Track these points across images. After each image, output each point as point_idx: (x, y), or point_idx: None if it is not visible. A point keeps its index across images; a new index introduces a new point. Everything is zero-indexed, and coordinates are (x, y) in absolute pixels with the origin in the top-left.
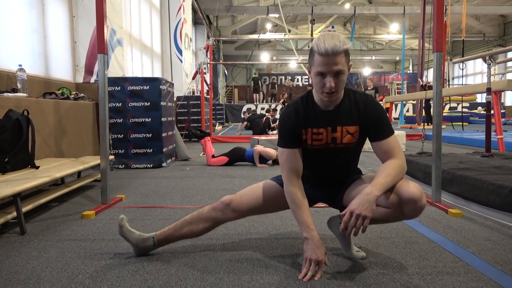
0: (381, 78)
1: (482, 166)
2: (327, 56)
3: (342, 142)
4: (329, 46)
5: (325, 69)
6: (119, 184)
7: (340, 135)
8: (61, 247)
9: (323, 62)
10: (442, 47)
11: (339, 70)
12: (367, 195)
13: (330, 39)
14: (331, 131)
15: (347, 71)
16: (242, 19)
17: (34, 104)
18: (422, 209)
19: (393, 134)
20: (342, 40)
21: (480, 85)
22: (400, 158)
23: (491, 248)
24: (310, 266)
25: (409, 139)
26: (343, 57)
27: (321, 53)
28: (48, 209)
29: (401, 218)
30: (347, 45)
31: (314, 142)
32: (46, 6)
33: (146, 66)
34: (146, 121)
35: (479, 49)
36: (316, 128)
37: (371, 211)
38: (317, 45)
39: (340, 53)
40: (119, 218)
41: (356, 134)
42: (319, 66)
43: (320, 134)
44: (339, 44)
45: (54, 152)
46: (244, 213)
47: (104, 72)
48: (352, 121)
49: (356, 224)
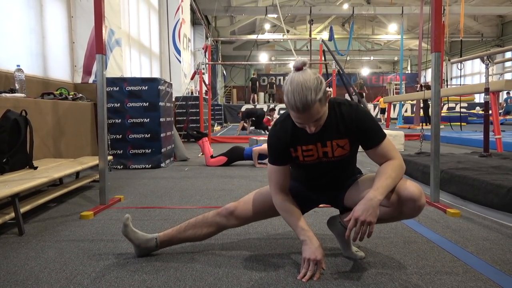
0: (379, 78)
1: (480, 166)
2: (300, 112)
3: (334, 155)
4: (301, 103)
5: (302, 121)
6: (118, 185)
7: (331, 149)
8: (60, 248)
9: (298, 117)
10: (440, 47)
11: (316, 119)
12: (370, 200)
13: (300, 92)
14: (321, 146)
15: (326, 107)
16: (240, 20)
17: (32, 105)
18: (421, 208)
19: (386, 138)
20: (314, 88)
21: (478, 85)
22: (398, 158)
23: (489, 247)
24: (309, 266)
25: (408, 139)
26: (318, 106)
27: (294, 109)
28: (46, 210)
29: (400, 217)
30: (321, 92)
31: (306, 158)
32: (44, 6)
33: (145, 66)
34: (144, 122)
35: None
36: (306, 145)
37: (375, 216)
38: (289, 101)
39: (313, 106)
40: (124, 217)
41: (347, 146)
42: (295, 118)
43: (310, 151)
44: (310, 98)
45: (53, 153)
46: (248, 220)
47: (102, 73)
48: (340, 135)
49: (361, 229)
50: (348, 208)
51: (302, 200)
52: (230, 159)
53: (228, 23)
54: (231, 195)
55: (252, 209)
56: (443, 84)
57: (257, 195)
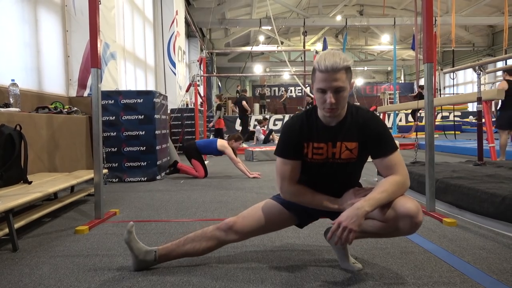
0: (373, 88)
1: (475, 175)
2: (327, 72)
3: (341, 157)
4: (329, 63)
5: (325, 85)
6: (113, 198)
7: (339, 150)
8: (54, 264)
9: (323, 78)
10: (432, 58)
11: (339, 86)
12: (357, 209)
13: (330, 57)
14: (332, 146)
15: (348, 88)
16: (235, 32)
17: (27, 119)
18: (418, 225)
19: (396, 151)
20: (343, 58)
21: (471, 94)
22: (402, 175)
23: (486, 257)
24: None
25: (403, 148)
26: (344, 74)
27: (321, 69)
28: (41, 225)
29: (397, 234)
30: (348, 62)
31: (314, 156)
32: (39, 21)
33: (140, 79)
34: (140, 134)
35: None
36: (317, 143)
37: (358, 226)
38: (318, 63)
39: (340, 69)
40: (129, 224)
41: (355, 150)
42: (320, 83)
43: (320, 149)
44: (339, 61)
45: (47, 167)
46: (247, 235)
47: (97, 86)
48: (351, 138)
49: (342, 235)
50: None
51: (302, 214)
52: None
53: (222, 35)
54: (227, 207)
55: (252, 224)
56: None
57: (256, 209)
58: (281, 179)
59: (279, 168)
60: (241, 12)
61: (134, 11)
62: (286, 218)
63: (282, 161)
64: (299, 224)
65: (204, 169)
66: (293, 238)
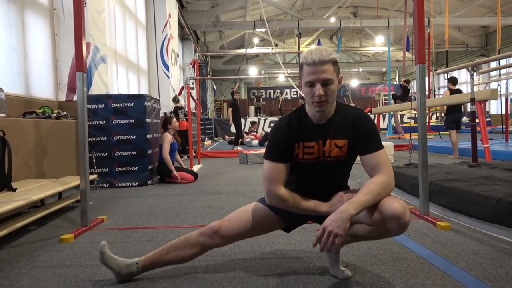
0: (368, 89)
1: (469, 177)
2: (314, 65)
3: (330, 155)
4: (316, 56)
5: (313, 78)
6: (102, 205)
7: (328, 148)
8: (35, 275)
9: (311, 71)
10: (424, 59)
11: (327, 78)
12: (341, 213)
13: (317, 51)
14: (322, 145)
15: (336, 81)
16: (229, 34)
17: (13, 124)
18: (406, 225)
19: (383, 149)
20: (329, 51)
21: (465, 95)
22: (387, 175)
23: (480, 262)
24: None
25: (397, 150)
26: (331, 66)
27: (309, 63)
28: (25, 233)
29: (386, 235)
30: (334, 56)
31: (305, 156)
32: (27, 24)
33: (132, 82)
34: (131, 139)
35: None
36: (307, 142)
37: (343, 230)
38: (305, 57)
39: (327, 62)
40: (100, 245)
41: (345, 148)
42: (308, 76)
43: (311, 148)
44: (325, 54)
45: (35, 173)
46: (233, 239)
47: (83, 90)
48: (342, 135)
49: (327, 240)
50: None
51: (289, 218)
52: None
53: (217, 37)
54: (218, 213)
55: (238, 227)
56: (431, 94)
57: (243, 212)
58: (268, 183)
59: (266, 171)
60: (235, 14)
61: (126, 14)
62: (273, 222)
63: (270, 165)
64: (286, 228)
65: (189, 174)
66: (284, 245)
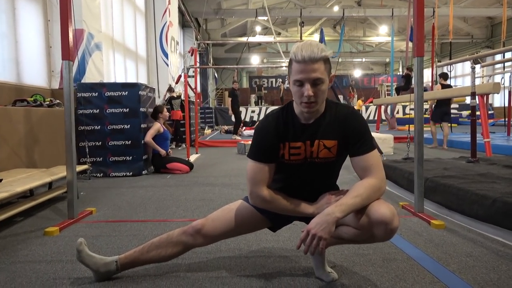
0: (371, 80)
1: (466, 174)
2: (304, 63)
3: (318, 156)
4: (306, 53)
5: (302, 77)
6: (93, 195)
7: (317, 149)
8: (13, 271)
9: (300, 69)
10: (422, 52)
11: (317, 77)
12: (326, 215)
13: (308, 47)
14: (310, 145)
15: (327, 81)
16: (231, 22)
17: (1, 113)
18: (393, 232)
19: (374, 150)
20: (321, 48)
21: (466, 88)
22: (378, 178)
23: (472, 265)
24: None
25: (398, 142)
26: (322, 65)
27: (298, 60)
28: (11, 225)
29: (372, 240)
30: (326, 53)
31: (292, 157)
32: (18, 10)
33: (130, 70)
34: (125, 128)
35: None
36: (294, 142)
37: (328, 233)
38: (295, 53)
39: (318, 60)
40: (77, 242)
41: (334, 149)
42: (297, 74)
43: (297, 149)
44: (317, 51)
45: (25, 163)
46: (216, 238)
47: (69, 80)
48: (331, 135)
49: (311, 243)
50: None
51: (275, 217)
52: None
53: (219, 25)
54: (209, 206)
55: (221, 227)
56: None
57: (227, 211)
58: (252, 184)
59: (250, 172)
60: (237, 2)
61: (124, 0)
62: (258, 221)
63: (254, 165)
64: (272, 228)
65: (185, 164)
66: (272, 242)
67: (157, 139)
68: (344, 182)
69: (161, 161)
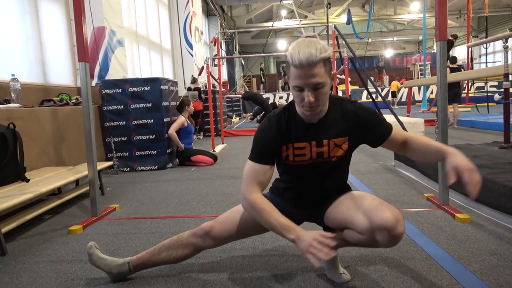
0: (403, 59)
1: (497, 162)
2: (302, 68)
3: (330, 155)
4: (304, 56)
5: (302, 83)
6: (119, 191)
7: (328, 149)
8: (36, 271)
9: (299, 74)
10: (445, 35)
11: (317, 83)
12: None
13: (305, 48)
14: (316, 145)
15: (329, 82)
16: (256, 7)
17: (28, 114)
18: (397, 238)
19: (393, 128)
20: (320, 48)
21: (501, 67)
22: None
23: (496, 265)
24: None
25: (429, 125)
26: (322, 67)
27: (295, 64)
28: (39, 223)
29: (378, 245)
30: (326, 53)
31: (297, 158)
32: (41, 11)
33: (155, 63)
34: (148, 123)
35: (506, 24)
36: (298, 143)
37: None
38: (291, 56)
39: (317, 63)
40: (87, 246)
41: (345, 145)
42: (295, 79)
43: (303, 149)
44: (315, 53)
45: (54, 161)
46: (225, 240)
47: (86, 82)
48: (340, 133)
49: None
50: (328, 227)
51: None
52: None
53: (244, 11)
54: (229, 200)
55: (230, 229)
56: (469, 65)
57: (235, 213)
58: (244, 184)
59: (245, 172)
60: None
61: None
62: None
63: (250, 165)
64: None
65: (209, 156)
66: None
67: (181, 133)
68: (369, 172)
69: (186, 154)
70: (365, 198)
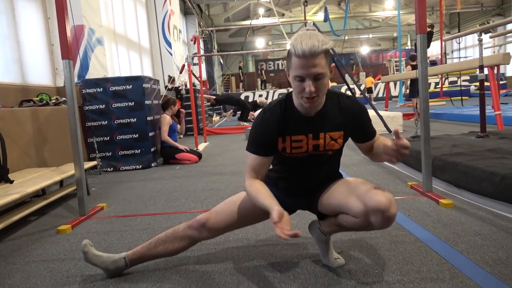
0: (379, 56)
1: (475, 150)
2: (304, 58)
3: (326, 149)
4: (307, 46)
5: (303, 73)
6: (104, 191)
7: (324, 142)
8: (28, 271)
9: (301, 64)
10: (425, 29)
11: (318, 73)
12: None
13: (307, 39)
14: (313, 138)
15: (328, 73)
16: (234, 6)
17: (8, 115)
18: (390, 219)
19: (376, 133)
20: (322, 40)
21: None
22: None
23: (481, 244)
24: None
25: (407, 119)
26: (323, 58)
27: (298, 54)
28: (25, 224)
29: (372, 228)
30: (327, 45)
31: (294, 151)
32: (17, 10)
33: (135, 62)
34: (131, 122)
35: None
36: (295, 135)
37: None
38: (294, 46)
39: (319, 53)
40: (81, 245)
41: (340, 139)
42: (297, 69)
43: (300, 142)
44: (317, 44)
45: (36, 162)
46: (221, 231)
47: (70, 79)
48: (336, 127)
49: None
50: (323, 214)
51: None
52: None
53: (221, 10)
54: (218, 196)
55: (225, 220)
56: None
57: (230, 204)
58: (245, 171)
59: (248, 162)
60: None
61: None
62: (261, 213)
63: (249, 156)
64: None
65: (193, 154)
66: None
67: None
68: (353, 164)
69: (170, 152)
70: (358, 183)
